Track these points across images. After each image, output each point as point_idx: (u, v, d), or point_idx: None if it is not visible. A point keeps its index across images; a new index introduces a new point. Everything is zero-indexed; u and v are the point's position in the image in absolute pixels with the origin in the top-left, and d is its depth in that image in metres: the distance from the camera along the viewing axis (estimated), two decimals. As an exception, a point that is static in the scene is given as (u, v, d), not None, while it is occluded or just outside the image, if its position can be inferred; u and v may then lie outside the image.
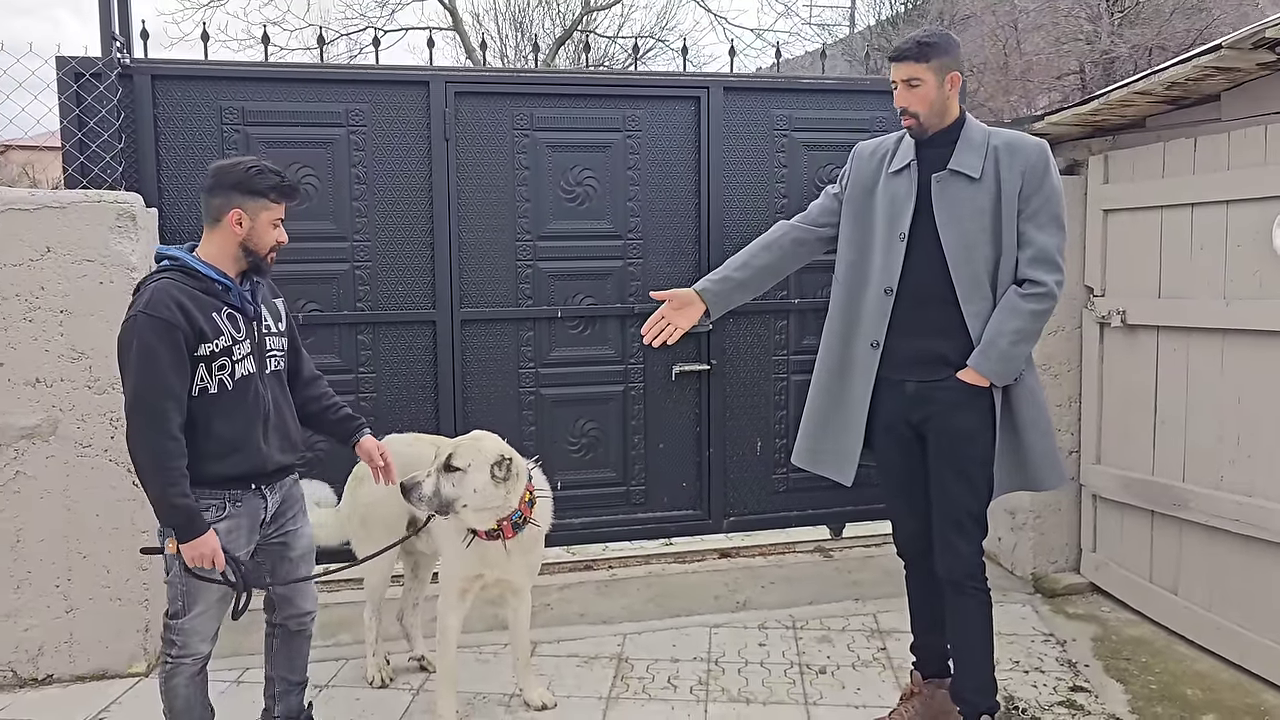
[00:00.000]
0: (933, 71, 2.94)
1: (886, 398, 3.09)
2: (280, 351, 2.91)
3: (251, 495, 2.80)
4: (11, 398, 3.62)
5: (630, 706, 3.57)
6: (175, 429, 2.58)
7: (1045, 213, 2.94)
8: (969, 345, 2.94)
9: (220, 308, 2.70)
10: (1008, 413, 2.99)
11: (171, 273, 2.67)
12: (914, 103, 2.96)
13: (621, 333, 4.74)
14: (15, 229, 3.58)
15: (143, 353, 2.55)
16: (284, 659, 3.07)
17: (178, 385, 2.59)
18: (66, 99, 3.99)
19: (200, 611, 2.76)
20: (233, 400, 2.70)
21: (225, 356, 2.68)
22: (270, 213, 2.75)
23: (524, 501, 3.16)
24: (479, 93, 4.49)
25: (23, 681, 3.72)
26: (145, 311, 2.57)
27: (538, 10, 21.13)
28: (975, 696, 3.08)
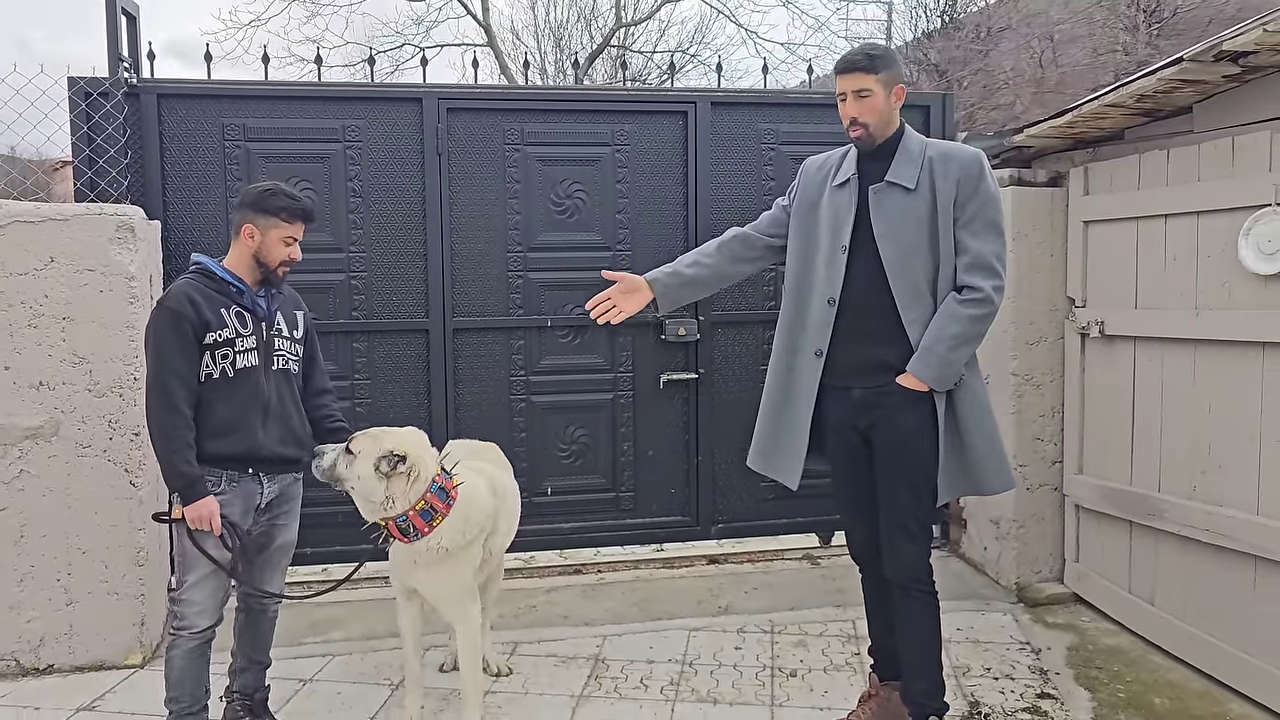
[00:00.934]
0: (881, 83, 3.02)
1: (834, 405, 3.17)
2: (292, 355, 3.21)
3: (249, 479, 3.08)
4: (16, 400, 3.82)
5: (600, 705, 3.66)
6: (181, 404, 2.92)
7: (980, 219, 3.00)
8: (911, 352, 3.00)
9: (230, 305, 3.05)
10: (951, 416, 3.05)
11: (194, 275, 3.07)
12: (864, 113, 3.03)
13: (611, 342, 4.85)
14: (21, 240, 3.79)
15: (156, 338, 2.95)
16: (248, 637, 3.31)
17: (184, 367, 2.93)
18: (76, 117, 4.20)
19: (195, 581, 3.02)
20: (233, 386, 3.02)
21: (228, 347, 3.01)
22: (280, 231, 3.07)
23: (416, 510, 3.13)
24: (471, 109, 4.64)
25: (25, 670, 3.90)
26: (162, 304, 2.99)
27: (576, 26, 21.45)
28: (923, 698, 3.14)
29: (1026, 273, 4.51)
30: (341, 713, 3.60)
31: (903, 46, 19.66)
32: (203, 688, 3.12)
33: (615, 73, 20.14)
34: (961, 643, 4.14)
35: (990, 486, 3.11)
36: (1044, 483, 4.61)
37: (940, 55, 18.60)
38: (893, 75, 3.04)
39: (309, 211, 3.15)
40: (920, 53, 19.28)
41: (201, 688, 3.11)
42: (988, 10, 19.25)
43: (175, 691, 3.07)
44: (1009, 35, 18.68)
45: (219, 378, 3.00)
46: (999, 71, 18.43)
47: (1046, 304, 4.55)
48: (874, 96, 3.02)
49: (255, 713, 3.35)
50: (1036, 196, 4.51)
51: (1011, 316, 4.52)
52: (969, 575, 4.87)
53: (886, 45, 3.14)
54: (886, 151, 3.07)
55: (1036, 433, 4.59)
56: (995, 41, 18.84)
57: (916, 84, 18.39)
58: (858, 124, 3.04)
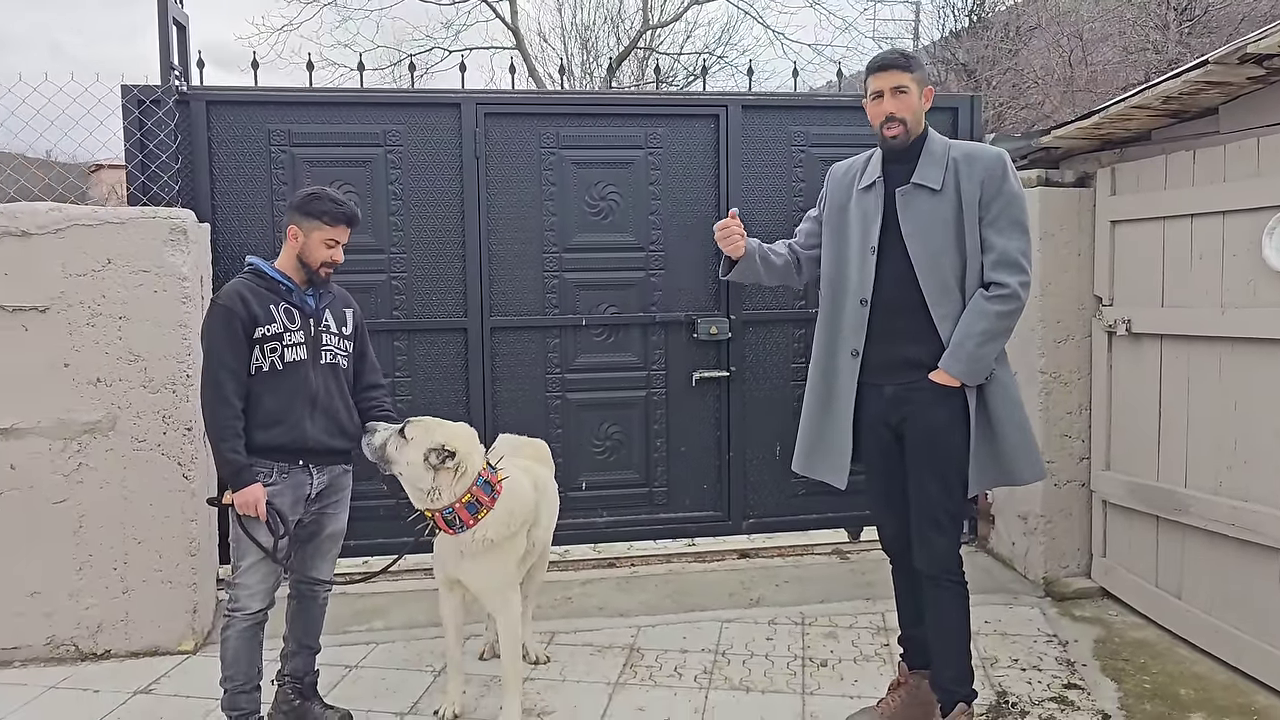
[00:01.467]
0: (916, 82, 3.13)
1: (868, 402, 3.26)
2: (340, 351, 3.37)
3: (299, 470, 3.24)
4: (76, 395, 3.98)
5: (635, 691, 3.77)
6: (231, 396, 3.10)
7: (1005, 218, 3.08)
8: (942, 348, 3.09)
9: (279, 302, 3.22)
10: (982, 409, 3.14)
11: (247, 274, 3.26)
12: (901, 109, 3.12)
13: (644, 340, 4.96)
14: (80, 243, 3.95)
15: (210, 334, 3.15)
16: (299, 622, 3.46)
17: (233, 360, 3.11)
18: (129, 124, 4.36)
19: (248, 566, 3.19)
20: (281, 379, 3.19)
21: (276, 341, 3.18)
22: (322, 233, 3.23)
23: (462, 503, 3.27)
24: (508, 113, 4.76)
25: (84, 655, 4.07)
26: (216, 301, 3.18)
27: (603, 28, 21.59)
28: (953, 685, 3.22)
29: (1054, 272, 4.58)
30: (386, 698, 3.74)
31: (930, 46, 19.66)
32: (255, 668, 3.26)
33: (642, 74, 20.27)
34: (990, 635, 4.22)
35: (1022, 476, 3.20)
36: (1071, 479, 4.67)
37: (968, 55, 18.57)
38: (924, 76, 3.16)
39: (351, 216, 3.30)
40: (948, 52, 19.26)
41: (254, 667, 3.26)
42: (1017, 9, 19.18)
43: (230, 670, 3.22)
44: (1038, 34, 18.59)
45: (268, 370, 3.17)
46: (1028, 71, 18.36)
47: (1074, 302, 4.61)
48: (910, 94, 3.12)
49: (305, 695, 3.49)
50: (1063, 197, 4.58)
51: (1039, 315, 4.59)
52: (997, 570, 4.94)
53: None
54: (911, 154, 3.16)
55: (1064, 429, 4.65)
56: (1024, 40, 18.77)
57: (945, 84, 18.38)
58: (895, 121, 3.12)
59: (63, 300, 3.95)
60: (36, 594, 4.01)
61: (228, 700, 3.24)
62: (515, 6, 17.87)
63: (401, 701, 3.71)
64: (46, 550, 4.00)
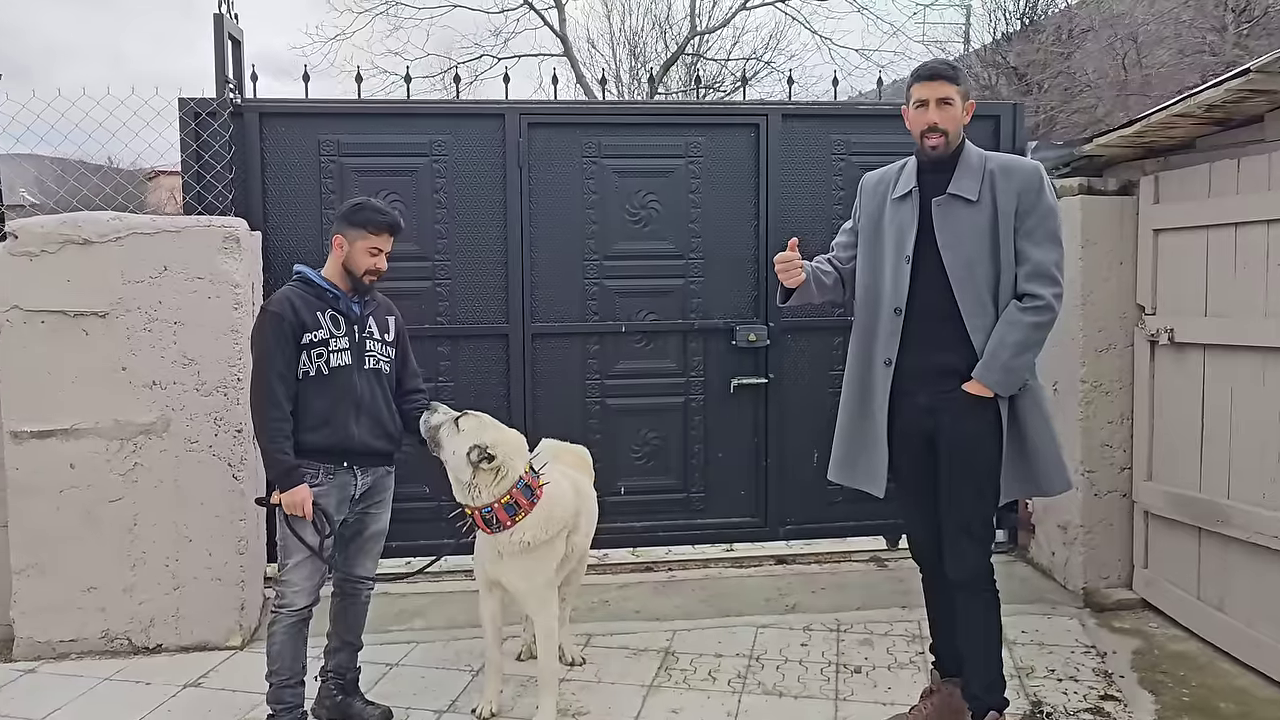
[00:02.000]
0: (960, 95, 3.15)
1: (902, 410, 3.28)
2: (383, 356, 3.48)
3: (344, 471, 3.35)
4: (133, 398, 4.13)
5: (669, 694, 3.82)
6: (280, 399, 3.22)
7: (1041, 230, 3.10)
8: (975, 358, 3.11)
9: (325, 309, 3.34)
10: (1014, 420, 3.15)
11: (296, 282, 3.38)
12: (945, 120, 3.14)
13: (683, 347, 5.01)
14: (139, 250, 4.10)
15: (260, 339, 3.27)
16: (342, 619, 3.57)
17: (282, 364, 3.23)
18: (186, 135, 4.52)
19: (294, 564, 3.31)
20: (327, 383, 3.31)
21: (322, 346, 3.29)
22: (366, 242, 3.34)
23: (500, 504, 3.34)
24: (550, 123, 4.85)
25: (137, 649, 4.21)
26: (265, 308, 3.32)
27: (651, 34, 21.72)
28: (983, 693, 3.23)
29: (1095, 281, 4.55)
30: (425, 695, 3.82)
31: (981, 50, 19.48)
32: (300, 663, 3.37)
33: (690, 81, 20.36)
34: (1027, 645, 4.21)
35: (1051, 487, 3.21)
36: (1112, 489, 4.64)
37: (1019, 58, 18.37)
38: (967, 89, 3.18)
39: (394, 224, 3.40)
40: (999, 56, 19.06)
41: (299, 663, 3.37)
42: (1069, 12, 18.94)
43: (275, 665, 3.34)
44: (1092, 37, 18.34)
45: (314, 375, 3.28)
46: (1081, 74, 18.13)
47: (1116, 311, 4.58)
48: (955, 106, 3.14)
49: (347, 691, 3.59)
50: (1105, 205, 4.55)
51: (1080, 324, 4.57)
52: (1036, 580, 4.92)
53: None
54: (947, 164, 3.17)
55: (1105, 439, 4.62)
56: (1077, 43, 18.53)
57: (995, 88, 18.20)
58: (937, 131, 3.13)
59: (121, 306, 4.10)
60: (93, 589, 4.16)
61: (273, 694, 3.35)
62: (563, 14, 18.05)
63: (440, 700, 3.80)
64: (103, 547, 4.15)
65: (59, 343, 4.06)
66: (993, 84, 18.57)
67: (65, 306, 4.05)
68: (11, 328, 4.04)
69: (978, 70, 18.79)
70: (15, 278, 4.03)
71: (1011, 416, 3.15)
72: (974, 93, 15.00)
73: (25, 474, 4.09)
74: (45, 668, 4.10)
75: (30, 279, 4.03)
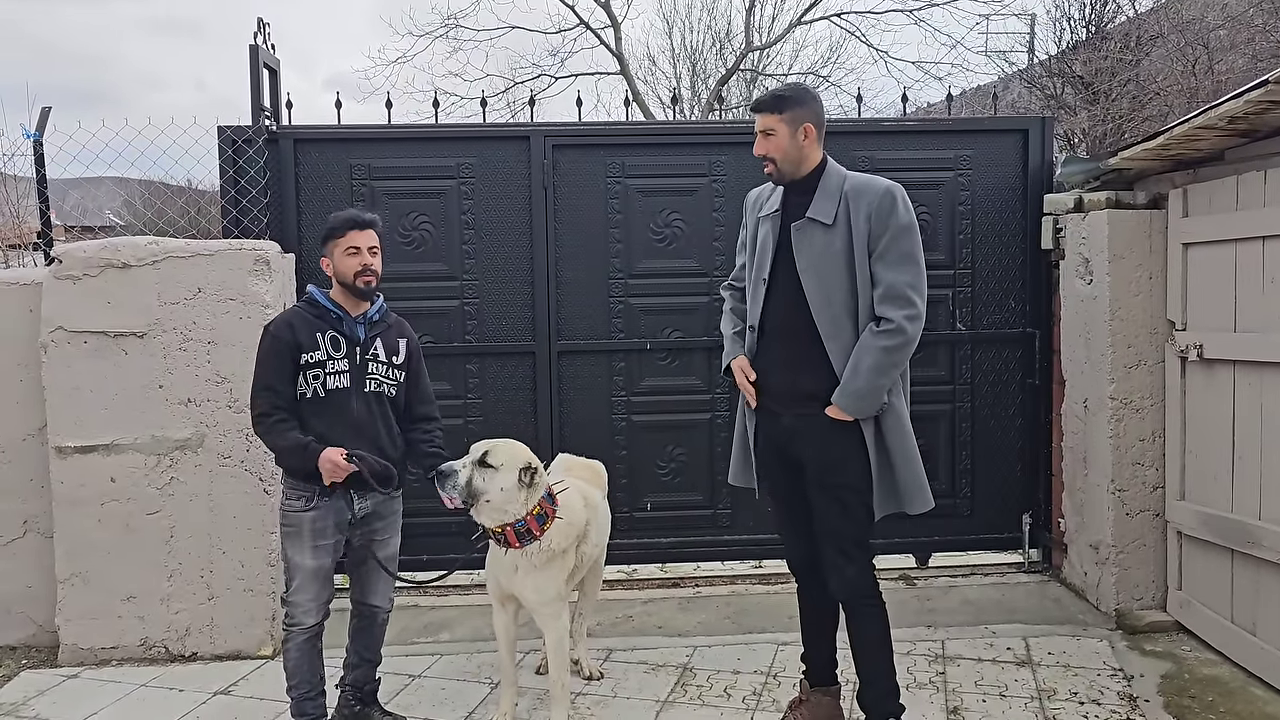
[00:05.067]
0: (784, 122, 3.17)
1: (766, 428, 3.35)
2: (387, 380, 3.47)
3: (337, 496, 3.35)
4: (168, 414, 4.30)
5: (682, 710, 3.84)
6: (267, 408, 3.29)
7: (894, 251, 3.10)
8: (836, 380, 3.14)
9: (325, 330, 3.37)
10: (879, 439, 3.18)
11: (301, 303, 3.46)
12: (770, 149, 3.21)
13: (708, 364, 5.04)
14: (174, 273, 4.27)
15: (258, 357, 3.36)
16: (361, 639, 3.63)
17: (276, 382, 3.30)
18: (224, 161, 4.70)
19: (298, 584, 3.36)
20: (323, 405, 3.34)
21: (319, 368, 3.33)
22: (339, 246, 3.38)
23: (532, 515, 3.40)
24: (575, 145, 4.94)
25: (172, 657, 4.37)
26: (266, 329, 3.40)
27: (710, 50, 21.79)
28: (877, 704, 3.31)
29: (1123, 295, 4.47)
30: (443, 707, 3.90)
31: (1046, 60, 19.14)
32: (318, 675, 3.46)
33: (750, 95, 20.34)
34: (1052, 667, 4.14)
35: (915, 505, 3.24)
36: (1144, 508, 4.54)
37: (1086, 67, 18.02)
38: (799, 114, 3.16)
39: (351, 218, 3.40)
40: (1064, 65, 18.72)
41: (316, 675, 3.45)
42: (1137, 19, 18.53)
43: (294, 680, 3.43)
44: (1160, 44, 17.92)
45: (310, 397, 3.32)
46: (1150, 82, 17.71)
47: (1146, 327, 4.49)
48: (778, 135, 3.18)
49: (365, 702, 3.67)
50: (1134, 219, 4.48)
51: (1109, 340, 4.49)
52: (1068, 600, 4.83)
53: (803, 86, 3.41)
54: (808, 186, 3.21)
55: (1136, 457, 4.53)
56: (1146, 51, 18.12)
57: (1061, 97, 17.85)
58: (766, 160, 3.22)
59: (158, 326, 4.27)
60: (132, 598, 4.33)
61: (295, 706, 3.44)
62: (619, 33, 18.21)
63: (458, 711, 3.87)
64: (141, 558, 4.31)
65: (100, 362, 4.25)
66: (1058, 94, 18.23)
67: (106, 327, 4.24)
68: (56, 347, 4.24)
69: (1043, 80, 18.48)
70: (60, 300, 4.24)
71: (877, 435, 3.17)
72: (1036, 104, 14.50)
73: (69, 487, 4.28)
74: (87, 673, 4.28)
75: (74, 301, 4.23)
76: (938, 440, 5.11)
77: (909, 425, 3.23)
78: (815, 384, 3.18)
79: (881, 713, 3.29)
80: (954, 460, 5.16)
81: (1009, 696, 3.90)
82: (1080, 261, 4.69)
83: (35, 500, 4.44)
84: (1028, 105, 18.08)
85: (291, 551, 3.35)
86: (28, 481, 4.45)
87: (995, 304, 5.13)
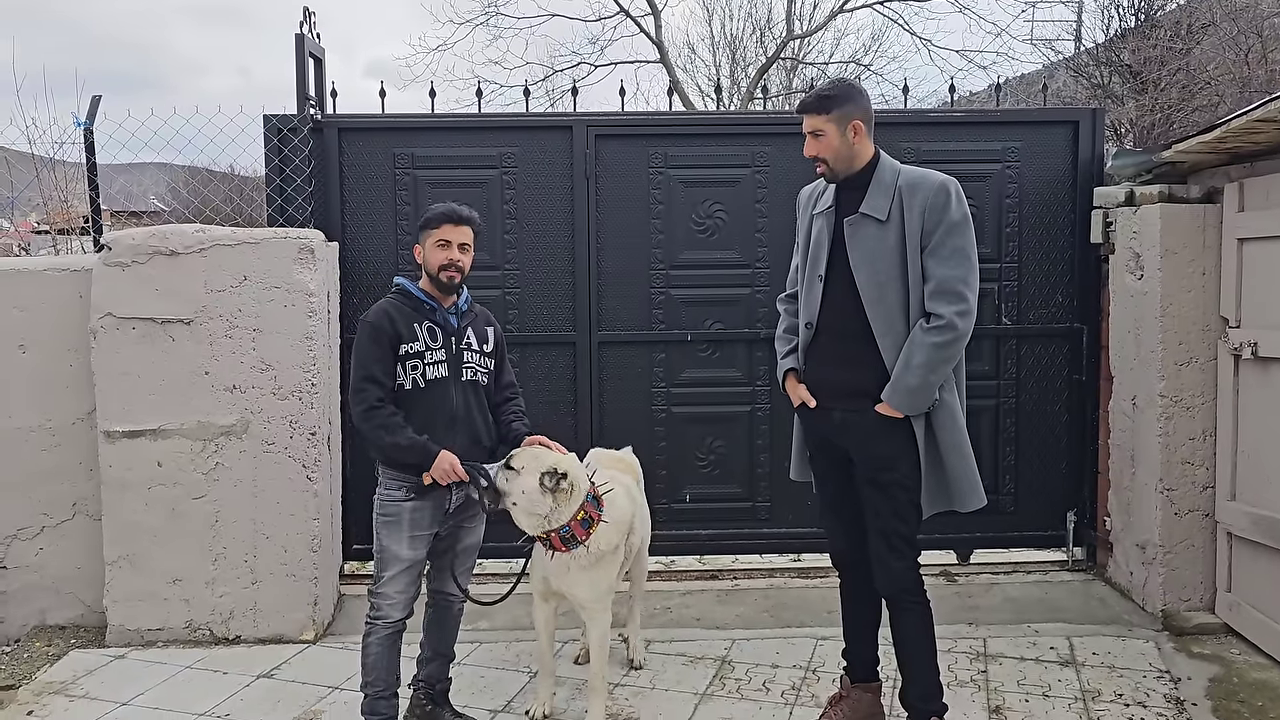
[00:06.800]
0: (833, 122, 3.14)
1: (818, 423, 3.33)
2: (481, 368, 3.48)
3: (439, 486, 3.30)
4: (214, 401, 4.35)
5: (721, 703, 3.83)
6: (376, 400, 3.24)
7: (946, 246, 3.07)
8: (887, 376, 3.11)
9: (422, 321, 3.36)
10: (930, 436, 3.14)
11: (394, 294, 3.43)
12: (821, 150, 3.18)
13: (749, 356, 5.02)
14: (221, 261, 4.32)
15: (357, 349, 3.31)
16: (435, 631, 3.61)
17: (380, 374, 3.26)
18: (269, 150, 4.73)
19: (390, 577, 3.34)
20: (423, 397, 3.31)
21: (418, 359, 3.31)
22: (431, 238, 3.38)
23: (577, 520, 3.36)
24: (617, 135, 4.92)
25: (217, 640, 4.43)
26: (364, 320, 3.36)
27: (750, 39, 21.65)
28: (920, 703, 3.29)
29: (1176, 291, 4.39)
30: (482, 694, 3.92)
31: (1094, 48, 18.80)
32: (394, 674, 3.42)
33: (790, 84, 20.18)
34: (1097, 667, 4.08)
35: (967, 504, 3.21)
36: (1193, 508, 4.46)
37: (1134, 56, 17.68)
38: (847, 112, 3.12)
39: (448, 212, 3.39)
40: (1112, 53, 18.38)
41: (394, 674, 3.41)
42: (1188, 7, 18.15)
43: (370, 676, 3.38)
44: (1212, 32, 17.54)
45: (410, 388, 3.30)
46: (1201, 71, 17.35)
47: (1198, 324, 4.41)
48: (827, 136, 3.16)
49: (437, 702, 3.62)
50: (1187, 213, 4.39)
51: (1160, 337, 4.41)
52: (1113, 600, 4.75)
53: (848, 82, 3.32)
54: (861, 182, 3.18)
55: (1186, 456, 4.44)
56: (1197, 39, 17.74)
57: (1109, 87, 17.54)
58: (818, 160, 3.20)
59: (204, 314, 4.32)
60: (178, 581, 4.39)
61: (368, 705, 3.39)
62: (659, 20, 18.13)
63: (496, 699, 3.89)
64: (187, 542, 4.37)
65: (148, 348, 4.31)
66: (1106, 83, 17.92)
67: (154, 314, 4.30)
68: (105, 334, 4.30)
69: (1090, 69, 18.16)
70: (109, 286, 4.29)
71: (928, 432, 3.14)
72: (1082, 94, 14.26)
73: (117, 471, 4.34)
74: (134, 654, 4.35)
75: (123, 288, 4.29)
76: (981, 436, 5.03)
77: (962, 421, 3.19)
78: (867, 380, 3.15)
79: (924, 711, 3.28)
80: (998, 456, 5.10)
81: (1052, 697, 3.86)
82: (1131, 256, 4.60)
83: (84, 483, 4.51)
84: (1074, 95, 17.79)
85: (388, 541, 3.33)
86: (77, 464, 4.52)
87: (1042, 299, 5.05)
